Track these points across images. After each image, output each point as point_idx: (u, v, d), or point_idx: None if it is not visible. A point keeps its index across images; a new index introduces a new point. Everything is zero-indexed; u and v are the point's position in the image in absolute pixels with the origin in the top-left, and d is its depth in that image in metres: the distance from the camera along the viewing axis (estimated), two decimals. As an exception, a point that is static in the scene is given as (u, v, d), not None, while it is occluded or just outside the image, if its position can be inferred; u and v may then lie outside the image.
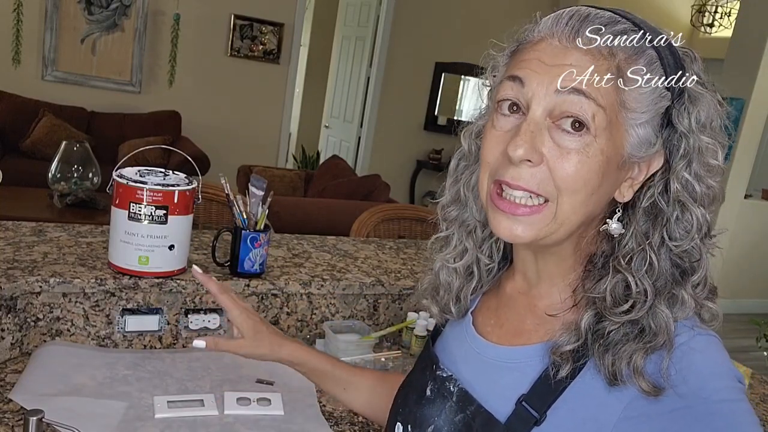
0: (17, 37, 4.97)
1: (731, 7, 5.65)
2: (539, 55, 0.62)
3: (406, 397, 0.79)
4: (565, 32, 0.61)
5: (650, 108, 0.61)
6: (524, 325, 0.71)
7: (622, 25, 0.61)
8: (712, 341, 0.61)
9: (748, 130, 4.61)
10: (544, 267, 0.69)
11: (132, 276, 1.29)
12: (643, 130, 0.61)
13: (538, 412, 0.63)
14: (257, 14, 5.64)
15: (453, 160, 0.77)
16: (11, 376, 1.15)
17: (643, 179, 0.64)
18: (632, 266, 0.62)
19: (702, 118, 0.61)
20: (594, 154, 0.60)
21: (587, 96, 0.59)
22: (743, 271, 5.25)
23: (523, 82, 0.62)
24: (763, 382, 1.57)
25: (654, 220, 0.63)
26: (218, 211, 2.01)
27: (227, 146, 5.60)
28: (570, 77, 0.59)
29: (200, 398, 1.16)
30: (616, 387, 0.59)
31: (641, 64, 0.60)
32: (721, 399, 0.57)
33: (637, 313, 0.60)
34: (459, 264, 0.76)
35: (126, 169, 1.32)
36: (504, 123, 0.64)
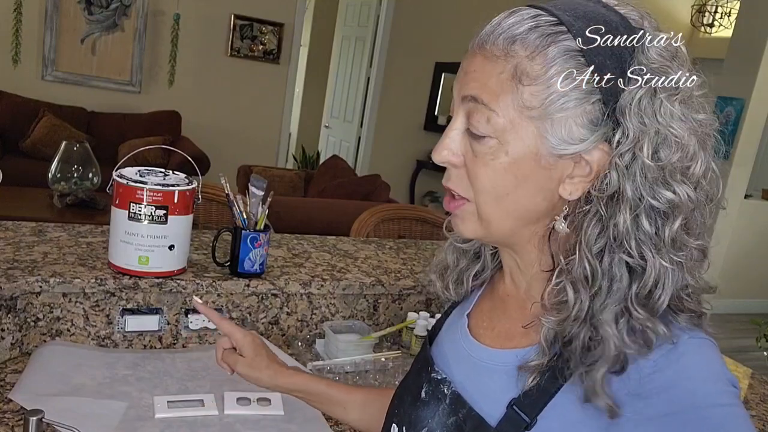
0: (17, 37, 4.97)
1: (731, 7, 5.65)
2: (462, 65, 0.65)
3: (402, 399, 0.79)
4: (477, 40, 0.63)
5: (567, 106, 0.58)
6: (516, 328, 0.70)
7: (541, 19, 0.59)
8: (706, 344, 0.60)
9: (748, 130, 4.61)
10: (525, 267, 0.69)
11: (132, 276, 1.29)
12: (562, 127, 0.58)
13: (529, 416, 0.62)
14: (257, 14, 5.65)
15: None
16: (11, 376, 1.15)
17: (593, 177, 0.60)
18: (571, 269, 0.60)
19: (646, 119, 0.57)
20: (499, 157, 0.61)
21: (479, 101, 0.61)
22: (743, 271, 5.25)
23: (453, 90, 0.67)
24: (763, 382, 1.57)
25: (601, 224, 0.60)
26: (218, 211, 2.01)
27: (227, 146, 5.60)
28: (470, 84, 0.62)
29: (200, 398, 1.16)
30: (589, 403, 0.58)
31: (550, 58, 0.58)
32: (714, 404, 0.56)
33: (571, 323, 0.59)
34: (466, 245, 0.78)
35: (126, 169, 1.32)
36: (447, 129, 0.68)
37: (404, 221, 2.24)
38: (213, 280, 1.36)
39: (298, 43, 5.98)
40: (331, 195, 3.90)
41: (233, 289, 1.38)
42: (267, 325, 1.45)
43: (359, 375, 1.32)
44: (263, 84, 5.82)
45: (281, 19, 5.73)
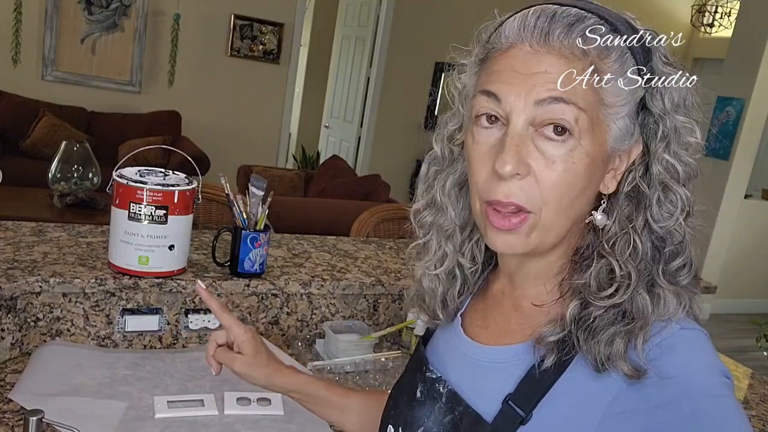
0: (17, 36, 4.96)
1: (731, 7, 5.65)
2: (512, 64, 0.61)
3: (398, 400, 0.79)
4: (535, 35, 0.60)
5: (628, 100, 0.61)
6: (510, 325, 0.70)
7: (589, 21, 0.60)
8: (699, 336, 0.61)
9: (748, 130, 4.61)
10: (532, 269, 0.69)
11: (132, 276, 1.29)
12: (622, 122, 0.62)
13: (524, 411, 0.63)
14: (257, 14, 5.64)
15: (424, 165, 0.76)
16: (11, 376, 1.15)
17: (626, 168, 0.64)
18: (616, 250, 0.62)
19: (675, 98, 0.62)
20: (579, 158, 0.60)
21: (567, 102, 0.59)
22: (743, 271, 5.25)
23: (499, 97, 0.61)
24: (763, 382, 1.57)
25: (636, 203, 0.63)
26: (218, 211, 2.01)
27: (227, 146, 5.60)
28: (547, 86, 0.59)
29: (200, 398, 1.16)
30: (599, 378, 0.59)
31: (614, 58, 0.60)
32: (707, 395, 0.56)
33: (622, 296, 0.60)
34: (440, 270, 0.75)
35: (126, 169, 1.32)
36: (486, 136, 0.63)
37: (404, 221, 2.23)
38: (213, 280, 1.36)
39: (298, 43, 5.98)
40: (331, 195, 3.90)
41: (233, 289, 1.38)
42: (267, 325, 1.45)
43: (359, 375, 1.32)
44: (263, 84, 5.81)
45: (281, 19, 5.73)
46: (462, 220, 0.73)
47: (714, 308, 5.13)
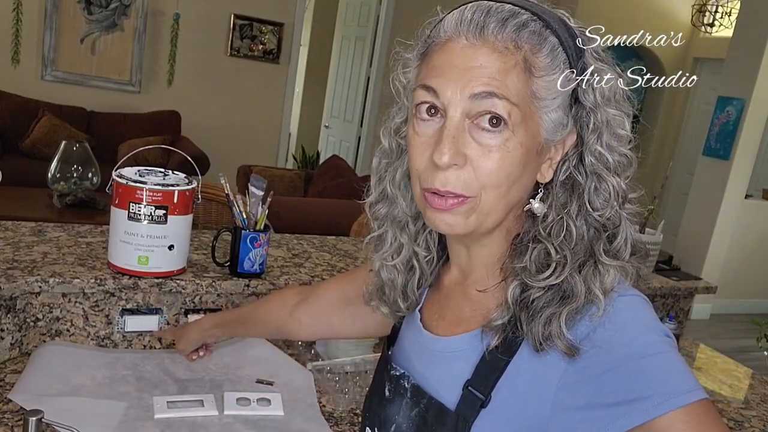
0: (17, 36, 4.96)
1: (732, 6, 5.65)
2: (450, 57, 0.63)
3: (371, 401, 0.82)
4: (471, 29, 0.63)
5: (559, 93, 0.64)
6: (463, 314, 0.73)
7: (523, 17, 0.63)
8: (636, 300, 0.63)
9: (748, 130, 4.60)
10: (477, 256, 0.72)
11: (132, 276, 1.29)
12: (555, 114, 0.64)
13: (483, 394, 0.65)
14: (257, 14, 5.64)
15: (375, 158, 0.78)
16: (11, 376, 1.15)
17: (561, 158, 0.67)
18: (551, 235, 0.64)
19: (606, 92, 0.64)
20: (514, 147, 0.62)
21: (500, 97, 0.61)
22: (743, 272, 5.25)
23: (437, 91, 0.63)
24: (763, 382, 1.56)
25: (571, 190, 0.66)
26: (218, 211, 2.01)
27: (227, 146, 5.59)
28: (482, 80, 0.61)
29: (200, 398, 1.16)
30: (546, 354, 0.62)
31: (545, 52, 0.63)
32: (649, 353, 0.59)
33: (558, 277, 0.62)
34: (398, 260, 0.77)
35: (125, 169, 1.32)
36: (425, 128, 0.65)
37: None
38: (213, 280, 1.36)
39: (298, 43, 5.98)
40: (331, 195, 3.90)
41: (233, 289, 1.38)
42: (267, 325, 1.44)
43: (359, 375, 1.32)
44: (263, 84, 5.81)
45: (281, 19, 5.73)
46: (413, 211, 0.75)
47: (714, 308, 5.13)
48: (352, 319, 0.98)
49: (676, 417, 0.56)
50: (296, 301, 1.05)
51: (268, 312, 1.10)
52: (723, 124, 4.69)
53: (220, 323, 1.19)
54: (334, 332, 1.08)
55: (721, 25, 5.78)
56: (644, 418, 0.56)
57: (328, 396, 1.24)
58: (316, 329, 1.05)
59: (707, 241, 4.82)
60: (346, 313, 0.98)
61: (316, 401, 1.22)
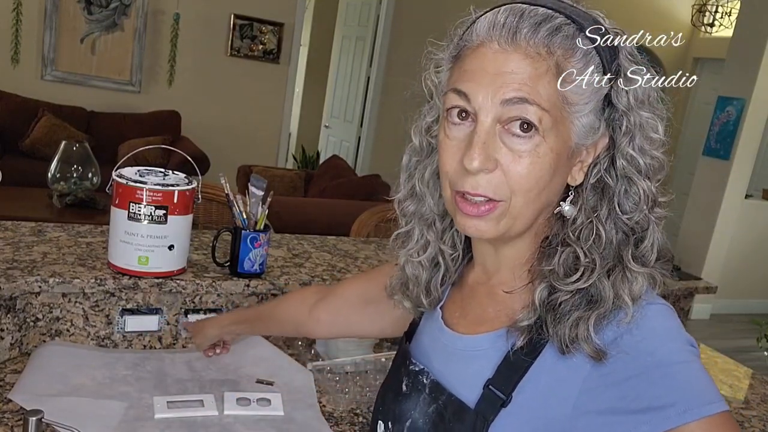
0: (16, 36, 4.96)
1: (732, 6, 5.65)
2: (481, 63, 0.63)
3: (385, 395, 0.81)
4: (503, 34, 0.62)
5: (592, 98, 0.63)
6: (486, 314, 0.73)
7: (556, 20, 0.62)
8: (663, 309, 0.64)
9: (748, 130, 4.60)
10: (504, 257, 0.72)
11: (132, 276, 1.29)
12: (586, 119, 0.64)
13: (504, 394, 0.65)
14: (257, 14, 5.64)
15: (405, 155, 0.79)
16: (11, 376, 1.15)
17: (592, 161, 0.66)
18: (581, 238, 0.64)
19: (639, 93, 0.64)
20: (544, 153, 0.62)
21: (531, 103, 0.61)
22: (744, 272, 5.25)
23: (469, 96, 0.63)
24: (763, 382, 1.56)
25: (601, 194, 0.66)
26: (218, 211, 2.01)
27: (227, 146, 5.59)
28: (513, 86, 0.61)
29: (200, 398, 1.16)
30: (570, 357, 0.62)
31: (578, 57, 0.62)
32: (674, 361, 0.59)
33: (586, 281, 0.62)
34: (423, 257, 0.77)
35: (125, 169, 1.32)
36: (456, 132, 0.65)
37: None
38: (213, 280, 1.36)
39: (298, 43, 5.98)
40: (331, 195, 3.90)
41: (233, 290, 1.38)
42: (267, 325, 1.44)
43: (359, 375, 1.32)
44: (263, 84, 5.81)
45: (281, 19, 5.73)
46: (441, 209, 0.76)
47: (714, 308, 5.13)
48: (370, 318, 0.98)
49: (698, 427, 0.56)
50: (316, 299, 1.05)
51: (287, 310, 1.11)
52: (723, 124, 4.69)
53: (238, 320, 1.20)
54: (351, 331, 1.08)
55: (721, 25, 5.78)
56: (667, 426, 0.56)
57: (328, 396, 1.24)
58: (334, 328, 1.05)
59: (707, 241, 4.82)
60: (365, 313, 0.99)
61: (316, 401, 1.22)
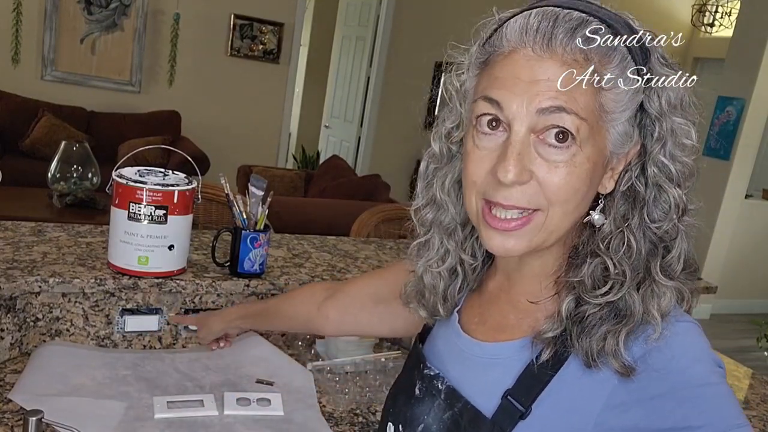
0: (16, 36, 4.96)
1: (732, 6, 5.65)
2: (514, 70, 0.60)
3: (396, 398, 0.80)
4: (537, 40, 0.59)
5: (629, 105, 0.61)
6: (507, 321, 0.71)
7: (592, 26, 0.59)
8: (691, 327, 0.62)
9: (748, 130, 4.60)
10: (529, 267, 0.69)
11: (131, 276, 1.29)
12: (622, 128, 0.62)
13: (524, 406, 0.63)
14: (257, 14, 5.64)
15: (423, 162, 0.76)
16: (11, 376, 1.15)
17: (623, 168, 0.64)
18: (610, 249, 0.62)
19: (672, 98, 0.61)
20: (581, 163, 0.60)
21: (569, 112, 0.59)
22: (744, 272, 5.25)
23: (501, 105, 0.61)
24: (763, 382, 1.56)
25: (632, 202, 0.63)
26: (218, 211, 2.01)
27: (227, 146, 5.59)
28: (549, 94, 0.58)
29: (200, 398, 1.16)
30: (595, 372, 0.60)
31: (615, 63, 0.60)
32: (702, 383, 0.58)
33: (616, 294, 0.60)
34: (443, 267, 0.75)
35: (125, 169, 1.32)
36: (486, 142, 0.63)
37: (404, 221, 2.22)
38: (213, 280, 1.36)
39: (298, 43, 5.98)
40: (331, 195, 3.90)
41: (233, 290, 1.38)
42: (267, 325, 1.44)
43: (359, 375, 1.32)
44: (263, 84, 5.81)
45: (281, 19, 5.73)
46: (463, 218, 0.73)
47: (714, 308, 5.13)
48: (380, 318, 0.96)
49: None
50: (325, 296, 1.03)
51: (295, 306, 1.10)
52: (723, 124, 4.69)
53: (244, 314, 1.20)
54: (361, 330, 1.07)
55: (721, 25, 5.78)
56: None
57: (328, 396, 1.24)
58: (342, 326, 1.04)
59: (707, 241, 4.82)
60: (375, 312, 0.97)
61: (316, 401, 1.22)
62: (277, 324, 1.19)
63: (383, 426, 0.81)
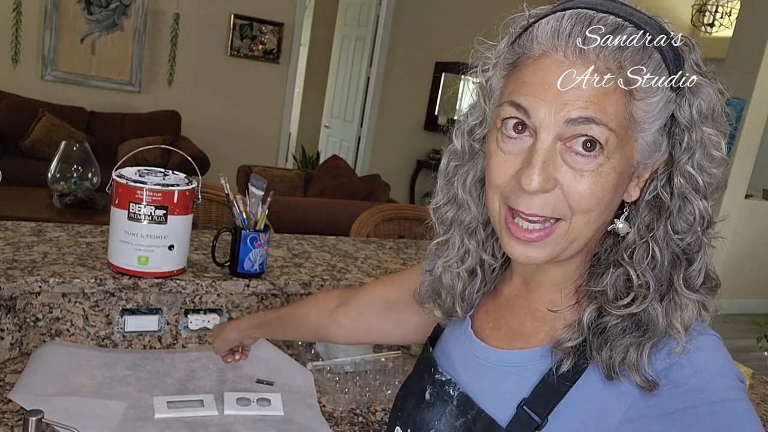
0: (17, 36, 4.96)
1: (732, 6, 5.65)
2: (543, 76, 0.58)
3: (405, 401, 0.78)
4: (570, 45, 0.57)
5: (660, 116, 0.59)
6: (524, 328, 0.69)
7: (627, 30, 0.57)
8: (713, 341, 0.61)
9: (748, 130, 4.60)
10: (548, 274, 0.68)
11: (131, 276, 1.29)
12: (651, 138, 0.60)
13: (540, 417, 0.62)
14: (257, 14, 5.64)
15: (444, 159, 0.74)
16: (11, 376, 1.15)
17: (649, 176, 0.63)
18: (634, 259, 0.61)
19: (703, 108, 0.59)
20: (608, 173, 0.58)
21: (598, 123, 0.57)
22: (744, 271, 5.25)
23: (529, 112, 0.59)
24: (763, 382, 1.56)
25: (657, 212, 0.62)
26: (218, 211, 2.01)
27: (227, 146, 5.60)
28: (578, 104, 0.57)
29: (200, 398, 1.16)
30: (614, 384, 0.59)
31: (649, 71, 0.58)
32: (724, 399, 0.56)
33: (639, 306, 0.59)
34: (463, 267, 0.73)
35: (125, 169, 1.32)
36: (511, 146, 0.61)
37: (404, 221, 2.23)
38: (213, 280, 1.36)
39: (298, 43, 5.98)
40: (331, 195, 3.90)
41: (233, 290, 1.38)
42: (267, 325, 1.44)
43: (359, 375, 1.32)
44: (263, 84, 5.81)
45: (281, 19, 5.73)
46: (485, 217, 0.71)
47: (714, 308, 5.13)
48: (393, 324, 0.95)
49: None
50: (337, 303, 1.02)
51: (307, 314, 1.08)
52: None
53: (258, 324, 1.16)
54: (373, 337, 1.05)
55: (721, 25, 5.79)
56: None
57: (328, 396, 1.24)
58: (355, 334, 1.02)
59: (707, 241, 4.81)
60: (387, 318, 0.95)
61: (316, 401, 1.22)
62: (291, 332, 1.16)
63: (391, 428, 0.79)
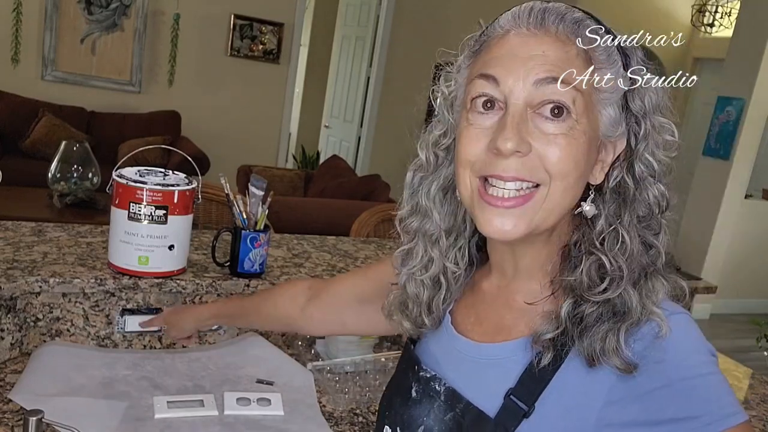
0: (17, 36, 4.96)
1: (731, 6, 5.65)
2: (510, 47, 0.62)
3: (391, 400, 0.79)
4: (531, 20, 0.62)
5: (615, 89, 0.63)
6: (504, 321, 0.72)
7: (578, 14, 0.63)
8: (686, 319, 0.63)
9: (748, 130, 4.60)
10: (522, 261, 0.70)
11: (132, 276, 1.29)
12: (612, 110, 0.63)
13: (527, 405, 0.64)
14: (257, 14, 5.64)
15: (409, 172, 0.76)
16: (11, 376, 1.15)
17: (611, 160, 0.66)
18: (605, 246, 0.63)
19: (653, 99, 0.64)
20: (578, 136, 0.61)
21: (565, 82, 0.60)
22: (744, 271, 5.25)
23: (498, 80, 0.62)
24: (763, 382, 1.56)
25: (622, 200, 0.65)
26: (218, 211, 2.01)
27: (227, 146, 5.60)
28: (545, 66, 0.61)
29: (200, 398, 1.16)
30: (595, 369, 0.61)
31: (602, 49, 0.63)
32: (698, 374, 0.59)
33: (614, 291, 0.61)
34: (426, 276, 0.75)
35: (126, 169, 1.32)
36: (482, 120, 0.64)
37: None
38: (213, 280, 1.36)
39: (298, 43, 5.98)
40: (331, 195, 3.90)
41: (233, 290, 1.38)
42: (267, 325, 1.44)
43: (359, 375, 1.32)
44: (263, 84, 5.81)
45: (281, 19, 5.73)
46: (447, 225, 0.74)
47: (714, 308, 5.13)
48: (366, 317, 0.95)
49: None
50: (308, 296, 1.02)
51: (275, 306, 1.08)
52: (723, 124, 4.69)
53: (218, 314, 1.16)
54: (346, 329, 1.07)
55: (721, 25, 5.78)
56: None
57: (328, 396, 1.24)
58: (326, 326, 1.04)
59: (707, 241, 4.82)
60: (360, 311, 0.96)
61: (316, 401, 1.22)
62: (256, 323, 1.17)
63: (380, 428, 0.80)
